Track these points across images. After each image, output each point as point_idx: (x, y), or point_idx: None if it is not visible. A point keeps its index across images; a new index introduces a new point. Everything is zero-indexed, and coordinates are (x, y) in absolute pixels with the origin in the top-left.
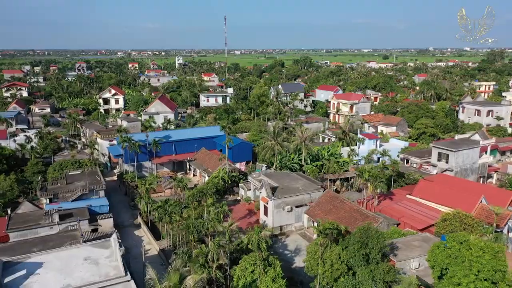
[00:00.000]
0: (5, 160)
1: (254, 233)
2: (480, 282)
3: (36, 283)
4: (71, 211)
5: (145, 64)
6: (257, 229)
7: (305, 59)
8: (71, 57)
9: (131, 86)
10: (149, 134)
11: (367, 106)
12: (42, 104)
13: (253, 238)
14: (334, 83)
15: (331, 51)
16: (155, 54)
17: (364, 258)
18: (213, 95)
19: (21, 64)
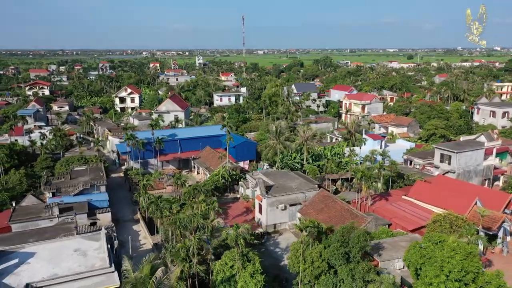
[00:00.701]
0: (16, 156)
1: (233, 229)
2: (451, 283)
3: (25, 271)
4: (72, 205)
5: (166, 64)
6: (235, 225)
7: (325, 59)
8: (98, 56)
9: (150, 85)
10: (155, 132)
11: (379, 107)
12: (61, 102)
13: (231, 234)
14: (351, 83)
15: (355, 51)
16: (179, 54)
17: (344, 256)
18: (226, 94)
19: (49, 63)
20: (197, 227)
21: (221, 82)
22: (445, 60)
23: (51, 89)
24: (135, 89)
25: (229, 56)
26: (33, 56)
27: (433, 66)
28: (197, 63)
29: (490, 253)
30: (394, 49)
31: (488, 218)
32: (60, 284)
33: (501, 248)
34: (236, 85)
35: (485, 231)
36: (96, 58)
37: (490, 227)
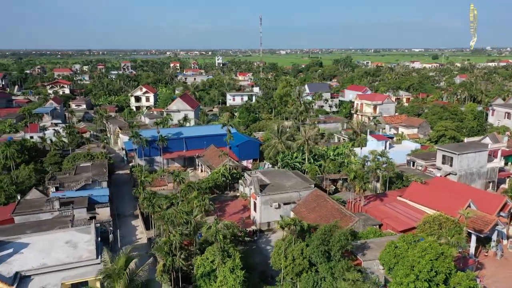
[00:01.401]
0: (27, 151)
1: (212, 225)
2: (420, 283)
3: (17, 260)
4: (73, 199)
5: (187, 64)
6: (215, 221)
7: (345, 59)
8: (123, 56)
9: (168, 85)
10: (161, 130)
11: (391, 107)
12: (79, 101)
13: (211, 229)
14: (368, 84)
15: (379, 50)
16: (202, 54)
17: (324, 254)
18: (239, 94)
19: (74, 63)
20: (182, 222)
21: (237, 82)
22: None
23: (72, 88)
24: (150, 88)
25: (251, 56)
26: (61, 56)
27: (457, 67)
28: (217, 63)
29: (483, 256)
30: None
31: (480, 220)
32: (47, 273)
33: (495, 252)
34: (251, 84)
35: (477, 233)
36: (121, 58)
37: (482, 229)
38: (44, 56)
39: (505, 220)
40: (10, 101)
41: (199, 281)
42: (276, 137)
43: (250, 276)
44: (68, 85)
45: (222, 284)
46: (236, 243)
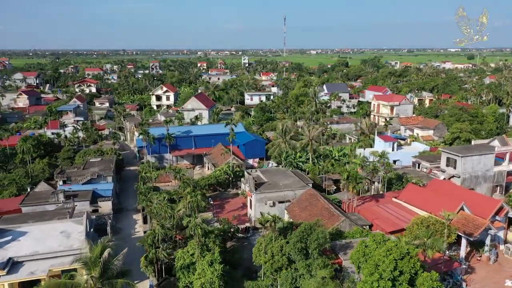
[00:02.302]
0: (42, 146)
1: (191, 219)
2: (384, 282)
3: (13, 247)
4: (78, 193)
5: (214, 64)
6: (194, 216)
7: (373, 59)
8: (155, 56)
9: (191, 84)
10: (171, 128)
11: (409, 108)
12: (102, 99)
13: (191, 223)
14: (392, 84)
15: (413, 50)
16: (232, 54)
17: (302, 252)
18: (257, 93)
19: (106, 63)
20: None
21: (260, 81)
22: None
23: (98, 86)
24: (171, 87)
25: (280, 56)
26: (96, 56)
27: (490, 67)
28: (242, 63)
29: (476, 260)
30: (456, 49)
31: (471, 224)
32: (37, 260)
33: (488, 256)
34: (272, 84)
35: (467, 237)
36: (153, 58)
37: (472, 233)
38: (81, 56)
39: (500, 225)
40: (39, 98)
41: (178, 273)
42: (281, 137)
43: (235, 271)
44: (94, 84)
45: (200, 277)
46: (226, 238)
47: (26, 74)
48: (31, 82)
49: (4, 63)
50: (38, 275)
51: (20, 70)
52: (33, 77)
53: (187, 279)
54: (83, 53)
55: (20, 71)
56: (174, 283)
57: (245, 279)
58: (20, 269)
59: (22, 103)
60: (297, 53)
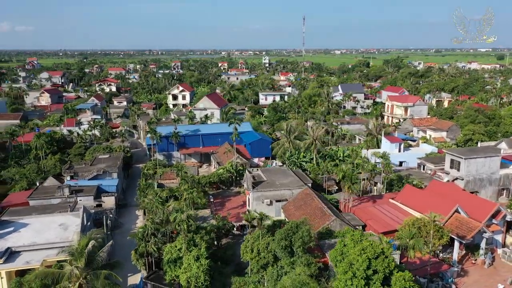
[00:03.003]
0: (55, 143)
1: (178, 215)
2: (357, 280)
3: (12, 238)
4: (83, 188)
5: (235, 64)
6: (180, 211)
7: (395, 59)
8: (179, 56)
9: (209, 84)
10: (179, 127)
11: (423, 109)
12: (121, 98)
13: (178, 219)
14: (411, 85)
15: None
16: (256, 54)
17: (286, 249)
18: (271, 93)
19: (130, 62)
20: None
21: (278, 81)
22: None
23: (118, 86)
24: (187, 87)
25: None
26: (123, 56)
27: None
28: (263, 62)
29: (471, 263)
30: (487, 49)
31: (465, 226)
32: (34, 250)
33: (483, 260)
34: (288, 84)
35: (459, 239)
36: (177, 57)
37: (465, 235)
38: (108, 56)
39: (497, 228)
40: (61, 97)
41: (165, 267)
42: (285, 136)
43: (227, 267)
44: (115, 83)
45: (186, 271)
46: (220, 235)
47: (52, 74)
48: (56, 81)
49: (33, 63)
50: (33, 264)
51: (46, 70)
52: (59, 76)
53: (174, 273)
54: (110, 53)
55: (46, 70)
56: (162, 276)
57: (233, 275)
58: (17, 258)
59: (44, 101)
60: (321, 53)
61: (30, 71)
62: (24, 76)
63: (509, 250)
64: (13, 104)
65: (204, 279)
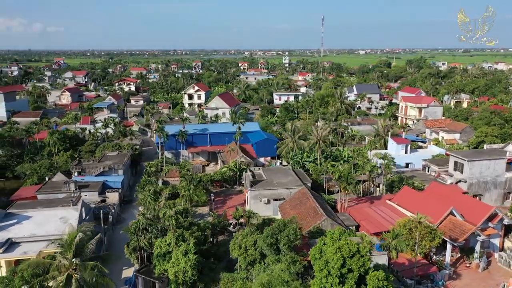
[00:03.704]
0: (68, 140)
1: (167, 210)
2: (332, 278)
3: (14, 229)
4: (89, 183)
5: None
6: (168, 206)
7: (418, 59)
8: (203, 56)
9: (227, 84)
10: (187, 126)
11: (438, 111)
12: (138, 97)
13: (166, 214)
14: (431, 86)
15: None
16: (279, 54)
17: (272, 247)
18: (285, 93)
19: (153, 62)
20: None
21: (295, 81)
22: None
23: (137, 85)
24: (202, 86)
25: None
26: (148, 56)
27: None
28: (283, 63)
29: (464, 266)
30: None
31: (458, 229)
32: (32, 242)
33: (478, 263)
34: (305, 85)
35: (452, 242)
36: (201, 57)
37: (457, 238)
38: (133, 56)
39: (494, 232)
40: (81, 96)
41: (155, 260)
42: (290, 136)
43: (219, 263)
44: (134, 83)
45: (174, 265)
46: (216, 232)
47: (75, 73)
48: (80, 80)
49: (59, 62)
50: (30, 255)
51: (71, 69)
52: (82, 76)
53: (163, 267)
54: (135, 53)
55: (71, 70)
56: (152, 270)
57: (222, 271)
58: (16, 249)
59: (65, 100)
60: (345, 53)
61: (56, 70)
62: (49, 75)
63: (505, 254)
64: (35, 102)
65: (192, 274)
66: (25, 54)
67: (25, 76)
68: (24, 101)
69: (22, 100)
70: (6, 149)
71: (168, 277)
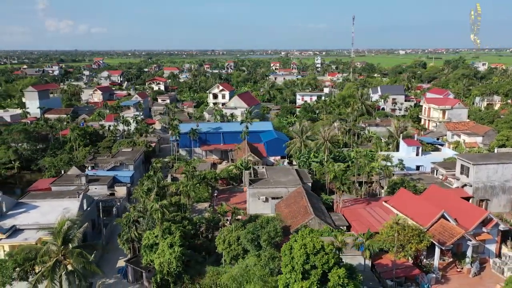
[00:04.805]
0: (88, 136)
1: (153, 204)
2: (295, 274)
3: (22, 217)
4: (100, 177)
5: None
6: (154, 200)
7: (457, 59)
8: (239, 56)
9: (255, 84)
10: (200, 124)
11: (463, 113)
12: (164, 96)
13: (153, 208)
14: (463, 87)
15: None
16: (315, 54)
17: (253, 243)
18: (308, 94)
19: (188, 62)
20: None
21: (322, 82)
22: None
23: (167, 84)
24: (227, 86)
25: (364, 56)
26: (185, 56)
27: None
28: (315, 63)
29: (455, 271)
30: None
31: (447, 233)
32: (33, 229)
33: (469, 268)
34: (331, 85)
35: (440, 245)
36: (237, 57)
37: (445, 242)
38: (172, 56)
39: (488, 237)
40: (112, 94)
41: (142, 251)
42: (298, 136)
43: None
44: (163, 82)
45: (160, 256)
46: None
47: (111, 72)
48: (115, 79)
49: (98, 62)
50: (30, 241)
51: (108, 69)
52: (117, 75)
53: (149, 257)
54: (174, 53)
55: (108, 69)
56: (141, 260)
57: (211, 265)
58: (19, 235)
59: (97, 98)
60: (384, 52)
61: (94, 70)
62: (87, 74)
63: (499, 261)
64: (69, 100)
65: (176, 265)
66: (71, 54)
67: (65, 75)
68: (57, 99)
69: (55, 98)
70: (32, 144)
71: (154, 268)
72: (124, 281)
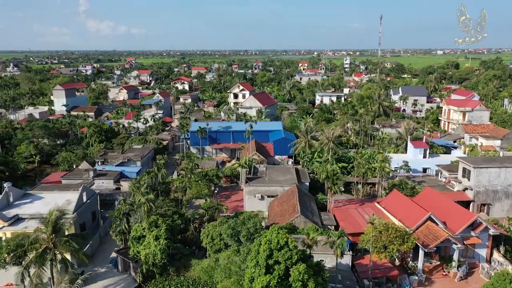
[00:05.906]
0: (103, 133)
1: (140, 197)
2: (258, 268)
3: (26, 207)
4: (108, 172)
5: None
6: (143, 192)
7: (493, 60)
8: (272, 56)
9: (279, 84)
10: (210, 123)
11: (484, 115)
12: (186, 96)
13: (140, 201)
14: (494, 89)
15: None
16: (349, 54)
17: (234, 238)
18: (327, 94)
19: (218, 62)
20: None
21: (347, 82)
22: None
23: (191, 84)
24: (247, 86)
25: (399, 57)
26: (218, 56)
27: None
28: (344, 63)
29: (441, 275)
30: None
31: (432, 235)
32: (33, 219)
33: (455, 272)
34: (354, 86)
35: (423, 248)
36: (269, 57)
37: (428, 244)
38: (205, 56)
39: (478, 241)
40: (137, 93)
41: (130, 242)
42: (303, 136)
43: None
44: (188, 82)
45: (145, 248)
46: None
47: (141, 72)
48: (144, 79)
49: (131, 62)
50: (29, 229)
51: (138, 69)
52: (147, 75)
53: (136, 249)
54: (207, 53)
55: (138, 69)
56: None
57: (198, 258)
58: (20, 224)
59: (122, 97)
60: (420, 52)
61: (126, 69)
62: (119, 74)
63: (487, 266)
64: (96, 98)
65: (161, 257)
66: (109, 54)
67: (97, 74)
68: (83, 97)
69: (81, 96)
70: (51, 139)
71: (141, 259)
72: (114, 271)
